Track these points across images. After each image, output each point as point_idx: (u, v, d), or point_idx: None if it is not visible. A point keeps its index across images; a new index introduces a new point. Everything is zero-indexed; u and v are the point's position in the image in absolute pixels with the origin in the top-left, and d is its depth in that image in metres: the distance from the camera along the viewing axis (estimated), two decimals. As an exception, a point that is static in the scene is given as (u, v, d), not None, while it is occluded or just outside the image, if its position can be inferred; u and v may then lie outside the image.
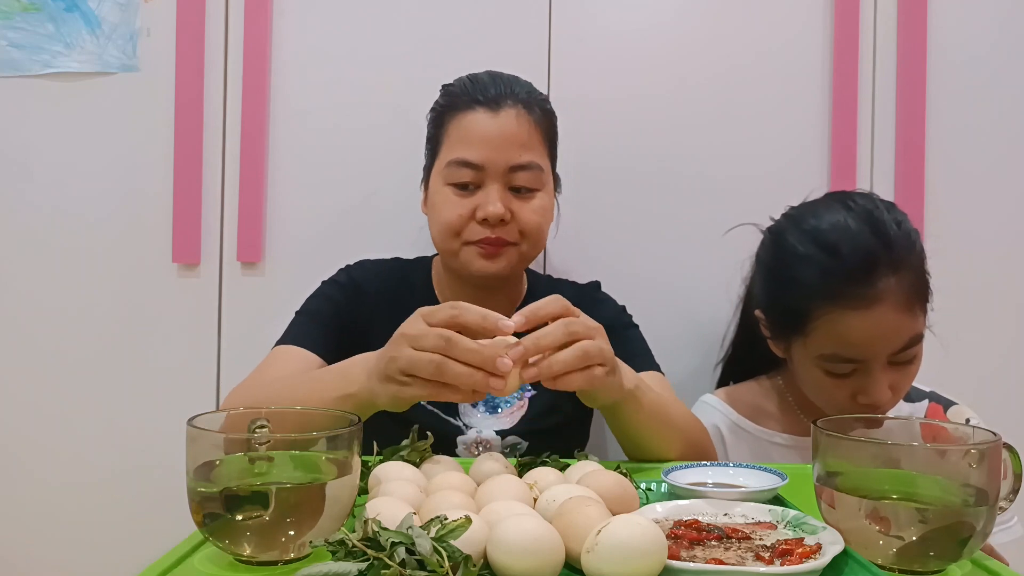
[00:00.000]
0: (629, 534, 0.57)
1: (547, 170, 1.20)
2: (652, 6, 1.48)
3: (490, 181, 1.14)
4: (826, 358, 1.07)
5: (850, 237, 1.05)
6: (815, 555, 0.61)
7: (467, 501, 0.68)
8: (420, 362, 0.81)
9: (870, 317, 1.03)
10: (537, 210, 1.17)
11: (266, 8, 1.47)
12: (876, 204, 1.10)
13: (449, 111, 1.19)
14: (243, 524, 0.62)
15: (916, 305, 1.06)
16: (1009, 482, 0.68)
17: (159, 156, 1.48)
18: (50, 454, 1.50)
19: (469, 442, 1.16)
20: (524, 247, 1.17)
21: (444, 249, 1.19)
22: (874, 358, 1.05)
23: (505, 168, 1.14)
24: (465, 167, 1.14)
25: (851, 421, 0.75)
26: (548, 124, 1.22)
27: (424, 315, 0.85)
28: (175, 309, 1.49)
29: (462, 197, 1.15)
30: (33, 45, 1.50)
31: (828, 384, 1.09)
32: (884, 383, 1.05)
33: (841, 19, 1.45)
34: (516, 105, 1.16)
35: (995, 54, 1.46)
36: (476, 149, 1.14)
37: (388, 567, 0.54)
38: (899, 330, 1.04)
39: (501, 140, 1.14)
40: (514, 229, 1.15)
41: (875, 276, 1.03)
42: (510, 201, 1.15)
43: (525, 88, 1.21)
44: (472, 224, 1.15)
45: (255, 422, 0.68)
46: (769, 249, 1.18)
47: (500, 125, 1.15)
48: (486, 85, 1.18)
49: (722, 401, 1.26)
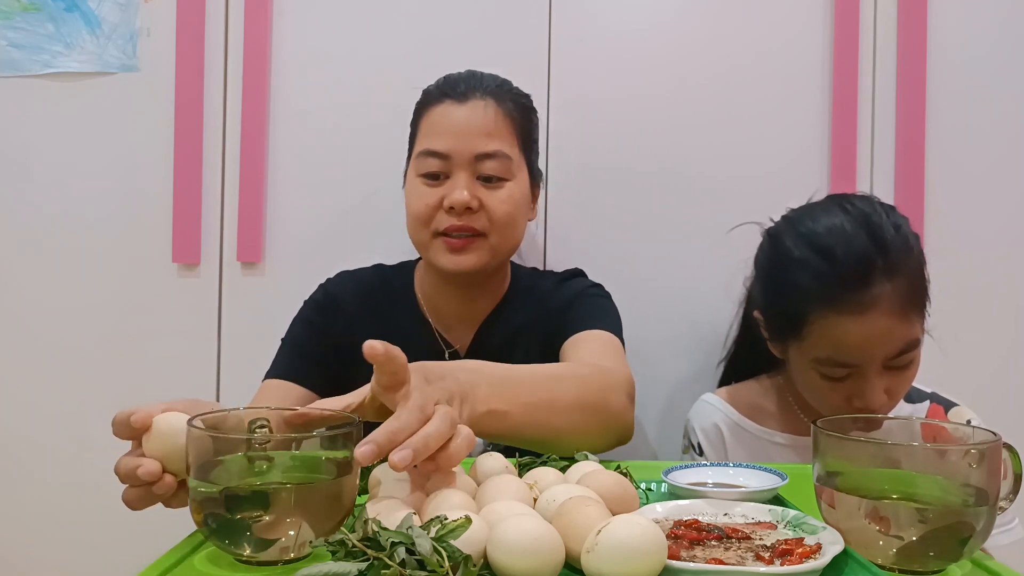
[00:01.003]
0: (629, 534, 0.57)
1: (517, 160, 1.20)
2: (652, 6, 1.48)
3: (457, 170, 1.16)
4: (821, 362, 1.07)
5: (845, 241, 1.05)
6: (815, 555, 0.61)
7: (467, 501, 0.68)
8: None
9: (864, 322, 1.02)
10: (506, 200, 1.17)
11: (266, 8, 1.47)
12: (875, 208, 1.09)
13: (422, 107, 1.22)
14: (243, 524, 0.62)
15: (912, 311, 1.05)
16: (1009, 482, 0.68)
17: (159, 156, 1.48)
18: (50, 454, 1.50)
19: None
20: (494, 239, 1.17)
21: (415, 241, 1.21)
22: (869, 363, 1.05)
23: (471, 157, 1.15)
24: (432, 157, 1.16)
25: (851, 421, 0.75)
26: (521, 116, 1.22)
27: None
28: (175, 309, 1.49)
29: (431, 187, 1.17)
30: (33, 45, 1.50)
31: (824, 387, 1.09)
32: (879, 388, 1.05)
33: (841, 19, 1.45)
34: (485, 96, 1.18)
35: (995, 54, 1.46)
36: (442, 138, 1.16)
37: (388, 567, 0.54)
38: (893, 336, 1.04)
39: (467, 129, 1.16)
40: (482, 218, 1.16)
41: (870, 281, 1.02)
42: (477, 190, 1.16)
43: (497, 82, 1.21)
44: (440, 213, 1.16)
45: (255, 422, 0.68)
46: (766, 252, 1.18)
47: (466, 114, 1.16)
48: (457, 80, 1.20)
49: (722, 400, 1.27)
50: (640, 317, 1.30)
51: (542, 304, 1.25)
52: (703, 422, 1.25)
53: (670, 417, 1.43)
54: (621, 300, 1.32)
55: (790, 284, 1.09)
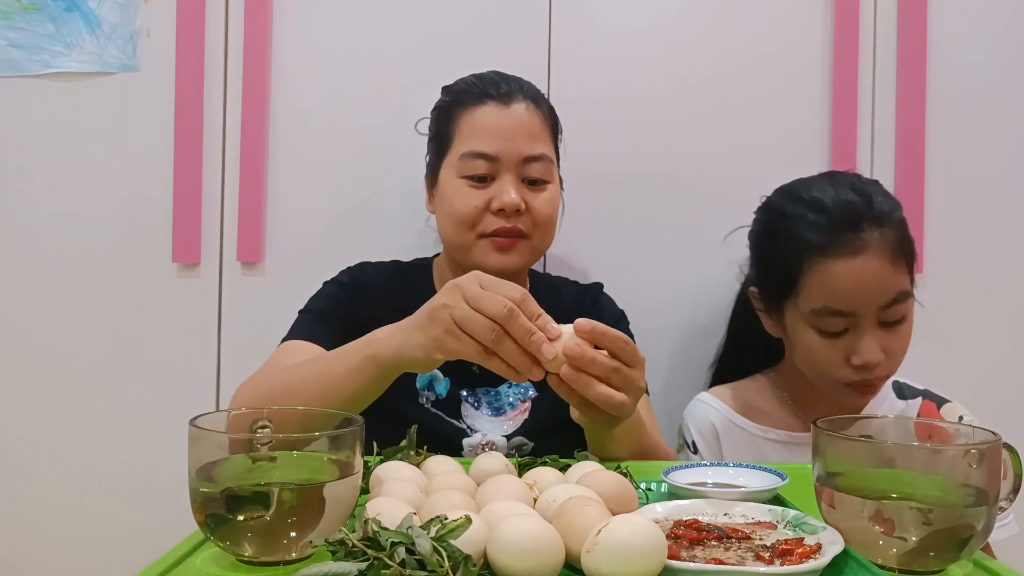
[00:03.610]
0: (629, 534, 0.57)
1: (555, 163, 1.23)
2: (652, 6, 1.48)
3: (504, 172, 1.16)
4: (817, 313, 1.10)
5: (836, 196, 1.12)
6: (815, 555, 0.61)
7: (467, 501, 0.68)
8: (479, 324, 0.82)
9: (856, 264, 1.08)
10: (549, 201, 1.19)
11: (266, 8, 1.47)
12: (860, 178, 1.17)
13: (458, 107, 1.21)
14: (245, 524, 0.62)
15: (901, 259, 1.10)
16: (1009, 482, 0.68)
17: (159, 156, 1.48)
18: (50, 454, 1.50)
19: (475, 444, 1.16)
20: (535, 240, 1.19)
21: (457, 243, 1.19)
22: (863, 311, 1.08)
23: (519, 159, 1.16)
24: (480, 159, 1.16)
25: (850, 420, 0.75)
26: (553, 120, 1.26)
27: (484, 282, 0.85)
28: (175, 309, 1.49)
29: (476, 188, 1.17)
30: (33, 45, 1.50)
31: (821, 346, 1.11)
32: (875, 342, 1.09)
33: (841, 19, 1.45)
34: (526, 100, 1.20)
35: (995, 54, 1.47)
36: (490, 141, 1.16)
37: (388, 567, 0.54)
38: (885, 280, 1.09)
39: (514, 132, 1.17)
40: (528, 220, 1.17)
41: (860, 227, 1.09)
42: (524, 192, 1.17)
43: (531, 85, 1.24)
44: (487, 215, 1.16)
45: (257, 422, 0.68)
46: (760, 220, 1.23)
47: (513, 117, 1.18)
48: (495, 82, 1.21)
49: (717, 399, 1.27)
50: (639, 317, 1.30)
51: (570, 316, 1.25)
52: (698, 421, 1.26)
53: (668, 417, 1.43)
54: (620, 300, 1.32)
55: (785, 238, 1.14)
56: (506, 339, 0.82)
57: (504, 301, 0.82)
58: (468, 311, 0.83)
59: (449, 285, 0.86)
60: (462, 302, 0.84)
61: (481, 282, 0.85)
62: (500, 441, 1.16)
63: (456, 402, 1.19)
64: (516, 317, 0.82)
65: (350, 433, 0.66)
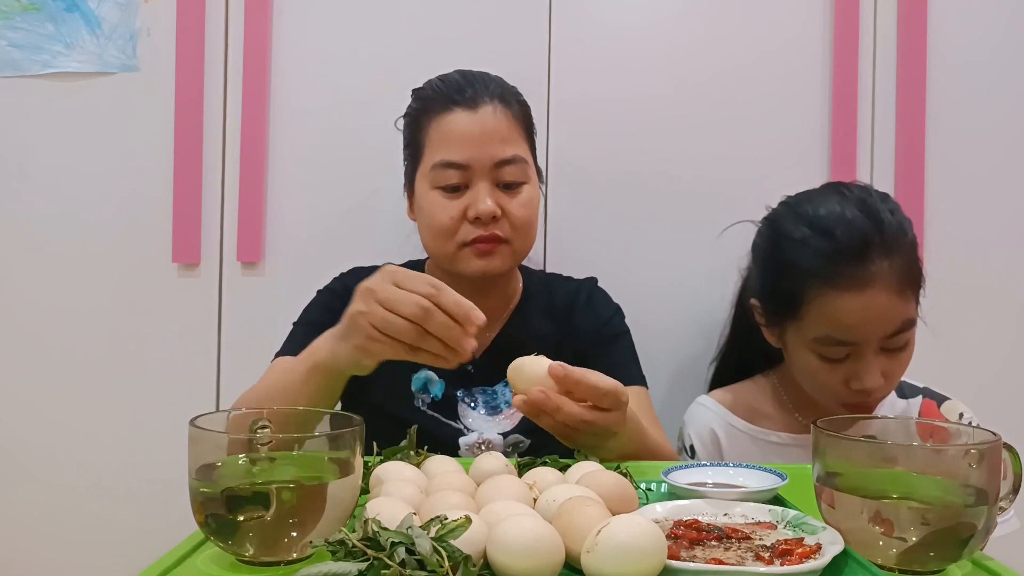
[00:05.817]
0: (629, 534, 0.57)
1: (530, 162, 1.20)
2: (652, 6, 1.48)
3: (477, 179, 1.15)
4: (819, 341, 1.08)
5: (845, 221, 1.07)
6: (815, 555, 0.61)
7: (467, 501, 0.68)
8: (398, 327, 0.84)
9: (863, 299, 1.04)
10: (526, 203, 1.17)
11: (266, 8, 1.47)
12: (870, 193, 1.12)
13: (425, 115, 1.19)
14: (245, 524, 0.62)
15: (908, 290, 1.07)
16: (1009, 482, 0.68)
17: (159, 156, 1.48)
18: (50, 454, 1.50)
19: (471, 443, 1.16)
20: (516, 243, 1.18)
21: (438, 253, 1.19)
22: (866, 341, 1.06)
23: (491, 165, 1.15)
24: (451, 168, 1.15)
25: (850, 421, 0.75)
26: (525, 116, 1.23)
27: (397, 280, 0.86)
28: (175, 309, 1.49)
29: (451, 199, 1.15)
30: (33, 45, 1.50)
31: (821, 369, 1.10)
32: (876, 369, 1.07)
33: (841, 19, 1.45)
34: (493, 101, 1.17)
35: (995, 55, 1.46)
36: (459, 149, 1.14)
37: (388, 567, 0.54)
38: (891, 313, 1.05)
39: (483, 137, 1.15)
40: (505, 225, 1.16)
41: (868, 258, 1.05)
42: (499, 197, 1.15)
43: (497, 83, 1.21)
44: (465, 224, 1.15)
45: (257, 422, 0.68)
46: (765, 235, 1.20)
47: (480, 122, 1.15)
48: (460, 85, 1.18)
49: (716, 402, 1.27)
50: (638, 317, 1.30)
51: (564, 314, 1.26)
52: (697, 426, 1.25)
53: (668, 417, 1.42)
54: (619, 300, 1.32)
55: (789, 263, 1.10)
56: (427, 335, 0.84)
57: (418, 300, 0.83)
58: (385, 315, 0.84)
59: (362, 290, 0.87)
60: (377, 307, 0.85)
61: (395, 280, 0.86)
62: (496, 439, 1.16)
63: (452, 403, 1.19)
64: (433, 315, 0.83)
65: (350, 433, 0.66)
